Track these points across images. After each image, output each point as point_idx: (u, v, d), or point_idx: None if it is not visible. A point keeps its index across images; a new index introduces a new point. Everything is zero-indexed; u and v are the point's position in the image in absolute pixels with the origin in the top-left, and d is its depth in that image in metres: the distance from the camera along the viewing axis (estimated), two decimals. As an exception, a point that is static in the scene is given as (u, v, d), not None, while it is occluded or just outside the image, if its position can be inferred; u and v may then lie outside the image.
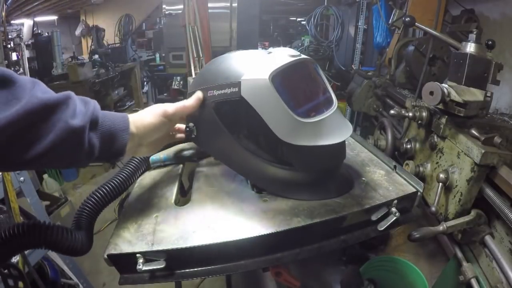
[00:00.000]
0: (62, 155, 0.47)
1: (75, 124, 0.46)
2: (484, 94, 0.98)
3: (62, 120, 0.45)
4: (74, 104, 0.48)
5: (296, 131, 0.58)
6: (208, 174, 0.78)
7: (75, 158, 0.49)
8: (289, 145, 0.59)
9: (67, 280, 1.57)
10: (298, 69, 0.62)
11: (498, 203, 0.83)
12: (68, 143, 0.46)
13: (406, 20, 1.23)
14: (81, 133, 0.47)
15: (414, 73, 1.71)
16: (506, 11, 1.59)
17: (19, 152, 0.43)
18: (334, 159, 0.66)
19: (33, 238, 0.52)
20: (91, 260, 1.97)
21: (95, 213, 0.63)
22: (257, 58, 0.62)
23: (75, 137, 0.46)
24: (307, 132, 0.58)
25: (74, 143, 0.47)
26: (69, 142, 0.46)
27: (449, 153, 1.01)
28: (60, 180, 3.07)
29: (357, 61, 3.27)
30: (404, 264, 1.43)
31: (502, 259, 0.85)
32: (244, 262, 0.58)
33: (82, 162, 0.51)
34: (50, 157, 0.45)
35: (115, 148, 0.53)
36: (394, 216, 0.63)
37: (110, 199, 0.65)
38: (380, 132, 1.48)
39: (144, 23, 5.46)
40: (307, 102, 0.62)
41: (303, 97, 0.63)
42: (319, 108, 0.62)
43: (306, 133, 0.58)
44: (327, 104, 0.63)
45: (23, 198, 1.34)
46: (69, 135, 0.45)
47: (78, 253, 0.59)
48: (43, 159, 0.45)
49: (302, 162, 0.63)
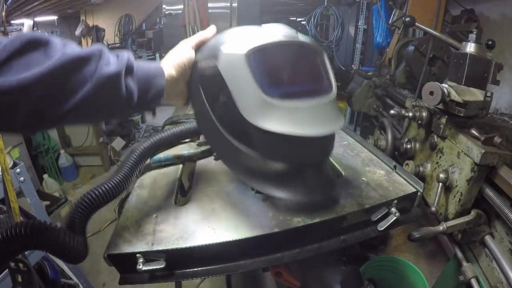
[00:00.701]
0: (100, 104, 0.48)
1: (110, 70, 0.46)
2: (484, 94, 0.98)
3: (96, 69, 0.45)
4: (107, 54, 0.48)
5: (264, 112, 0.52)
6: (208, 174, 0.78)
7: (114, 106, 0.50)
8: (255, 128, 0.53)
9: (67, 280, 1.57)
10: (286, 50, 0.56)
11: (498, 203, 0.83)
12: (104, 91, 0.46)
13: (406, 20, 1.23)
14: (117, 78, 0.47)
15: (414, 73, 1.71)
16: (506, 11, 1.59)
17: (56, 105, 0.43)
18: (311, 154, 0.58)
19: (35, 239, 0.51)
20: (91, 260, 1.96)
21: (88, 216, 0.60)
22: (249, 33, 0.58)
23: (111, 83, 0.47)
24: (279, 116, 0.52)
25: (111, 89, 0.47)
26: (105, 90, 0.46)
27: (449, 153, 1.01)
28: (60, 180, 3.07)
29: (357, 61, 3.26)
30: (404, 264, 1.42)
31: (502, 259, 0.85)
32: (244, 262, 0.58)
33: (122, 111, 0.52)
34: (90, 105, 0.46)
35: (153, 92, 0.53)
36: (394, 216, 0.63)
37: (104, 201, 0.61)
38: (380, 132, 1.48)
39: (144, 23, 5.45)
40: (287, 85, 0.55)
41: (283, 79, 0.56)
42: (304, 95, 0.55)
43: (277, 117, 0.52)
44: (317, 92, 0.56)
45: (23, 198, 1.34)
46: (105, 82, 0.46)
47: (78, 259, 0.57)
48: (83, 109, 0.45)
49: (269, 150, 0.56)
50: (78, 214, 0.58)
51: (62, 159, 3.06)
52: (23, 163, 1.33)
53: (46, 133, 2.96)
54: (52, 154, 3.00)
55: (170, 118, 1.21)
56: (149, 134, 4.21)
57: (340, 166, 0.78)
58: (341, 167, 0.77)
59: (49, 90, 0.42)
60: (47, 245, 0.51)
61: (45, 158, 2.95)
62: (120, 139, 3.62)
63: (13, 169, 1.25)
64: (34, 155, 2.89)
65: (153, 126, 4.33)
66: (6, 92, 0.38)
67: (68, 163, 3.11)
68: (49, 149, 2.97)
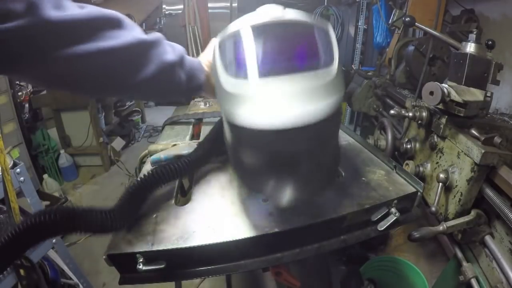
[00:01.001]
0: (160, 84, 0.57)
1: (169, 58, 0.56)
2: (484, 94, 0.98)
3: (158, 54, 0.54)
4: (166, 43, 0.58)
5: (224, 95, 0.46)
6: (208, 174, 0.78)
7: (169, 89, 0.60)
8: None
9: (67, 280, 1.56)
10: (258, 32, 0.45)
11: (498, 203, 0.83)
12: (164, 74, 0.56)
13: (406, 20, 1.23)
14: (175, 66, 0.57)
15: (414, 73, 1.71)
16: (506, 11, 1.59)
17: (127, 75, 0.52)
18: (285, 145, 0.45)
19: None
20: (91, 260, 1.97)
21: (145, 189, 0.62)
22: (241, 19, 0.50)
23: (170, 69, 0.56)
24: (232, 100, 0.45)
25: (169, 74, 0.57)
26: (165, 73, 0.56)
27: (449, 153, 1.01)
28: (60, 180, 3.07)
29: (357, 61, 3.26)
30: (404, 264, 1.43)
31: (502, 259, 0.85)
32: (244, 262, 0.58)
33: (172, 94, 0.63)
34: (150, 85, 0.55)
35: (195, 84, 0.63)
36: (394, 216, 0.63)
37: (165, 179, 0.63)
38: (380, 132, 1.48)
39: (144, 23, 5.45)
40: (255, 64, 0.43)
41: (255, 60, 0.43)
42: (272, 69, 0.43)
43: (231, 101, 0.45)
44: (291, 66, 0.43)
45: (23, 198, 1.34)
46: (165, 67, 0.55)
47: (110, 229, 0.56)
48: (144, 86, 0.54)
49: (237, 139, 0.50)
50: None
51: (62, 159, 3.05)
52: (23, 163, 1.33)
53: (46, 133, 2.96)
54: (52, 154, 3.00)
55: (170, 118, 1.21)
56: (149, 134, 4.21)
57: (340, 166, 0.78)
58: (341, 167, 0.77)
59: (123, 61, 0.50)
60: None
61: (45, 158, 2.95)
62: (120, 139, 3.61)
63: (13, 169, 1.25)
64: (34, 155, 2.88)
65: (153, 126, 4.33)
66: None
67: (68, 163, 3.11)
68: (49, 149, 2.97)
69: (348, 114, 3.24)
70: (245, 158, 0.53)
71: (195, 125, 1.16)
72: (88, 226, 0.52)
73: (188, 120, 1.18)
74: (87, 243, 2.13)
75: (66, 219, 0.49)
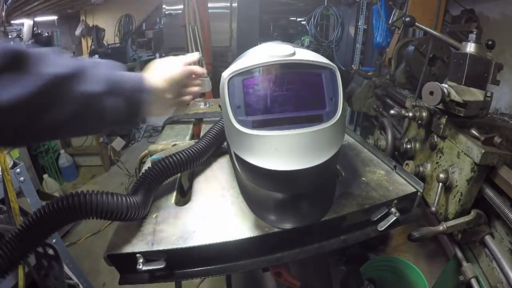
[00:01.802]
0: (87, 120, 0.49)
1: (95, 89, 0.47)
2: (484, 94, 0.98)
3: (78, 89, 0.45)
4: (88, 74, 0.48)
5: (236, 138, 0.52)
6: (208, 174, 0.78)
7: (102, 122, 0.51)
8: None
9: (67, 280, 1.56)
10: (270, 72, 0.51)
11: (498, 203, 0.83)
12: (91, 109, 0.47)
13: (406, 20, 1.23)
14: (102, 96, 0.48)
15: (414, 73, 1.71)
16: (506, 11, 1.60)
17: (43, 120, 0.43)
18: (289, 186, 0.54)
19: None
20: (91, 260, 1.97)
21: (155, 180, 0.63)
22: (251, 53, 0.57)
23: (96, 101, 0.47)
24: (246, 143, 0.50)
25: (97, 107, 0.48)
26: (91, 108, 0.47)
27: (449, 153, 1.01)
28: (60, 180, 3.07)
29: (357, 61, 3.27)
30: (404, 264, 1.43)
31: (502, 259, 0.85)
32: (244, 262, 0.58)
33: (110, 125, 0.53)
34: (76, 124, 0.47)
35: (137, 108, 0.54)
36: (394, 216, 0.63)
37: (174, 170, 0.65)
38: (380, 132, 1.48)
39: (144, 23, 5.45)
40: (260, 112, 0.50)
41: (259, 106, 0.51)
42: (285, 123, 0.49)
43: (244, 145, 0.51)
44: (295, 121, 0.49)
45: (23, 198, 1.34)
46: (89, 100, 0.46)
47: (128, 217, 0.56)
48: (68, 127, 0.47)
49: (246, 172, 0.56)
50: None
51: (62, 159, 3.06)
52: (23, 163, 1.33)
53: (46, 133, 2.97)
54: (52, 154, 3.00)
55: (170, 118, 1.21)
56: (149, 134, 4.21)
57: (340, 166, 0.78)
58: (341, 167, 0.77)
59: (28, 115, 0.42)
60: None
61: (45, 158, 2.95)
62: (120, 139, 3.61)
63: (13, 169, 1.25)
64: (34, 155, 2.89)
65: (153, 126, 4.33)
66: None
67: (68, 163, 3.11)
68: (49, 149, 2.97)
69: (348, 114, 3.24)
70: (252, 187, 0.58)
71: (195, 125, 1.16)
72: (111, 212, 0.51)
73: (188, 120, 1.18)
74: (87, 243, 2.13)
75: (90, 205, 0.49)
